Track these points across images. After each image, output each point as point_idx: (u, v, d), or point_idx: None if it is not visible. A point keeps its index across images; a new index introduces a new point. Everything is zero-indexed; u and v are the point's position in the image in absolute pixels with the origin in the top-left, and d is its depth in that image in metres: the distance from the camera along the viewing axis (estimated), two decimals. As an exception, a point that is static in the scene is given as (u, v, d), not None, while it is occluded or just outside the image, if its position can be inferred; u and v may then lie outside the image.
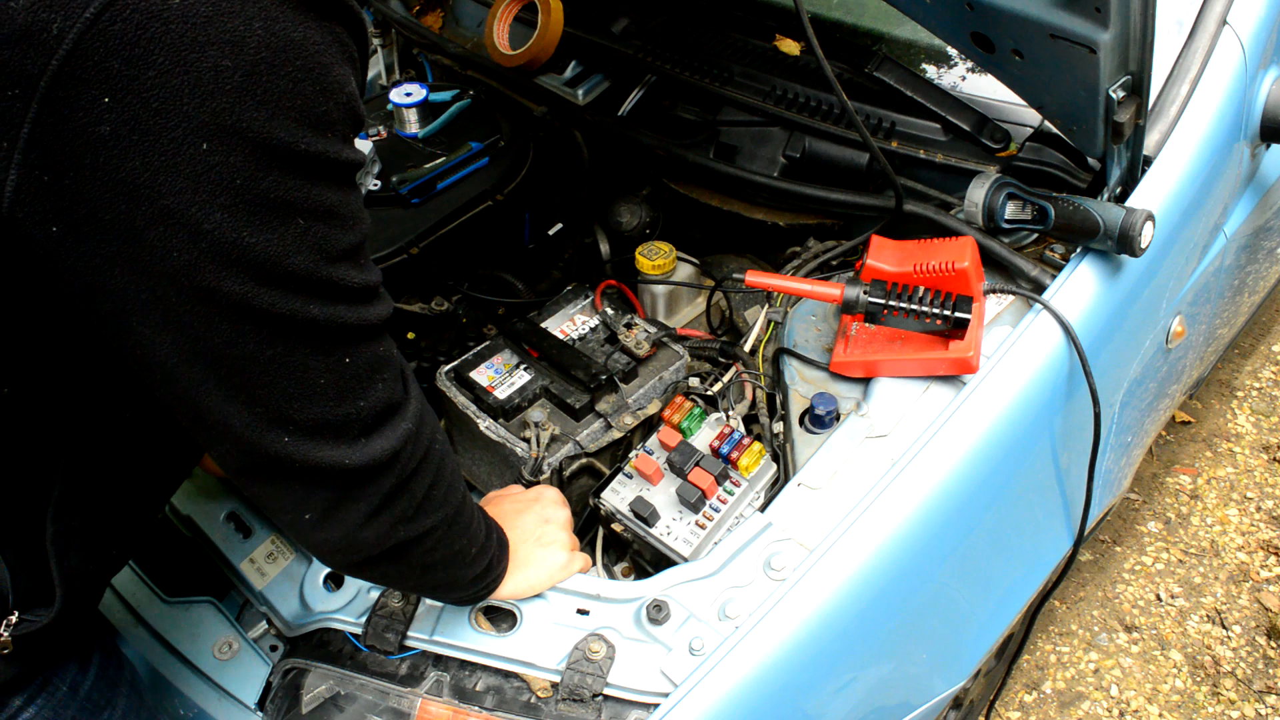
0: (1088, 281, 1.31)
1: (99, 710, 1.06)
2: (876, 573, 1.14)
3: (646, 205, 1.83)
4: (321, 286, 0.77)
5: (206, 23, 0.66)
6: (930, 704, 1.33)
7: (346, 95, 0.75)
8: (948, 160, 1.52)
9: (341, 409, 0.83)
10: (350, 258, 0.79)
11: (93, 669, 1.06)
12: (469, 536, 1.05)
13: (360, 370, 0.83)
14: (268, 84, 0.69)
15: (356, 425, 0.84)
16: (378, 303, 0.84)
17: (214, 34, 0.66)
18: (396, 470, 0.88)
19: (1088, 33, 1.05)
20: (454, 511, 0.99)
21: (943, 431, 1.19)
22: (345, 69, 0.75)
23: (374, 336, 0.85)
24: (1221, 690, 2.19)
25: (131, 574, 1.38)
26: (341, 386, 0.82)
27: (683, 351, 1.49)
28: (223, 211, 0.70)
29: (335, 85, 0.73)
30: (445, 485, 0.97)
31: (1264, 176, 1.75)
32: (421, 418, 0.92)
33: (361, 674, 1.16)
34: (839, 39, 1.74)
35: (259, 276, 0.73)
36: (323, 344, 0.80)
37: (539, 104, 1.89)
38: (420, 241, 1.61)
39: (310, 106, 0.72)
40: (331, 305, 0.78)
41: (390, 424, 0.87)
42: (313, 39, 0.71)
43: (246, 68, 0.67)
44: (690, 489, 1.26)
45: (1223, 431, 2.72)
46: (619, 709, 1.09)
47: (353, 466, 0.85)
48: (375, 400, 0.85)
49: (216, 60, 0.66)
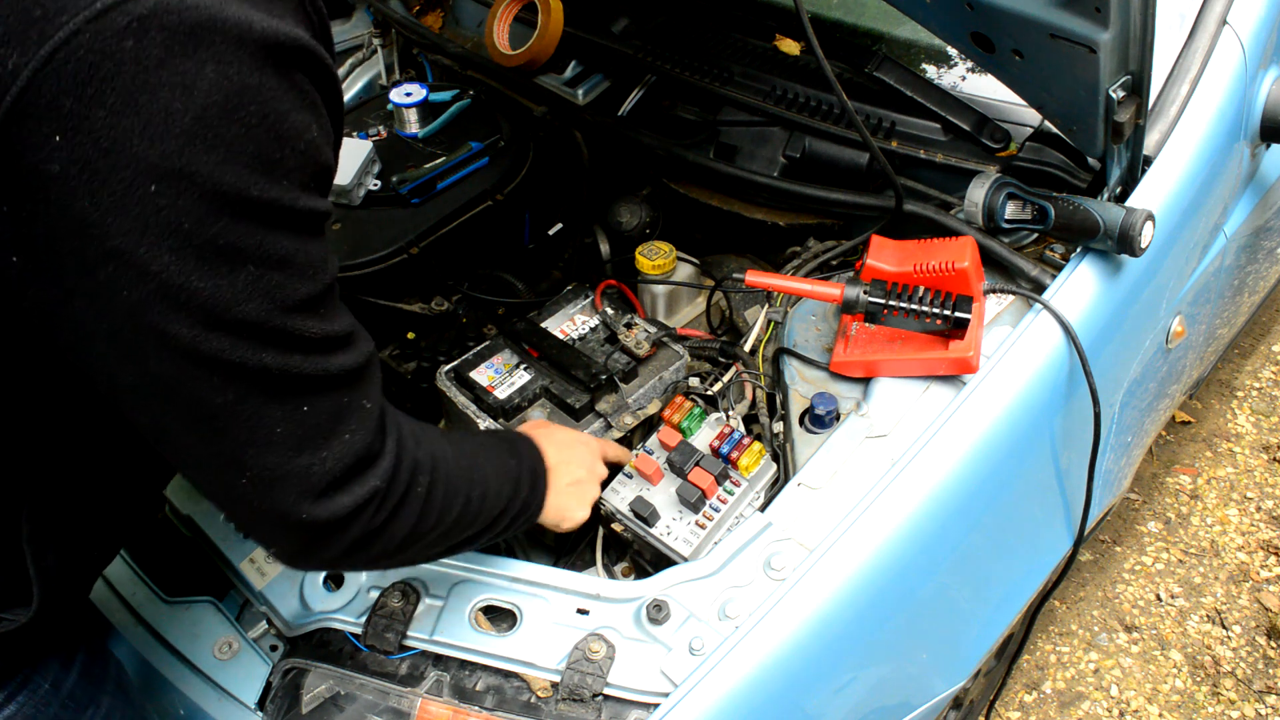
0: (1088, 281, 1.31)
1: (82, 708, 1.06)
2: (876, 573, 1.14)
3: (646, 205, 1.83)
4: (274, 335, 0.76)
5: (159, 65, 0.65)
6: (930, 704, 1.33)
7: (305, 143, 0.74)
8: (948, 160, 1.52)
9: (300, 460, 0.81)
10: (308, 308, 0.77)
11: (76, 667, 1.06)
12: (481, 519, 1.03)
13: (321, 421, 0.81)
14: (219, 128, 0.68)
15: (318, 477, 0.82)
16: (345, 352, 0.82)
17: (166, 76, 0.66)
18: (363, 522, 0.86)
19: (1088, 32, 1.05)
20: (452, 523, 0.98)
21: (943, 431, 1.19)
22: (304, 115, 0.73)
23: (338, 386, 0.82)
24: (1221, 690, 2.19)
25: (131, 574, 1.38)
26: (300, 437, 0.80)
27: (683, 351, 1.49)
28: (170, 254, 0.69)
29: (291, 132, 0.72)
30: (435, 515, 0.94)
31: (1264, 176, 1.75)
32: (397, 467, 0.89)
33: (361, 674, 1.16)
34: (839, 39, 1.74)
35: (207, 322, 0.72)
36: (277, 393, 0.78)
37: (539, 104, 1.89)
38: (420, 241, 1.61)
39: (263, 153, 0.71)
40: (286, 355, 0.77)
41: (359, 479, 0.85)
42: (268, 85, 0.70)
43: (197, 111, 0.67)
44: (690, 489, 1.26)
45: (1223, 431, 2.72)
46: (619, 709, 1.09)
47: (311, 520, 0.83)
48: (341, 452, 0.83)
49: (167, 102, 0.66)
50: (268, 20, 0.69)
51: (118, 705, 1.11)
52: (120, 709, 1.12)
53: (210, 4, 0.67)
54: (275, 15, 0.70)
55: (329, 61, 0.76)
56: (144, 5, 0.65)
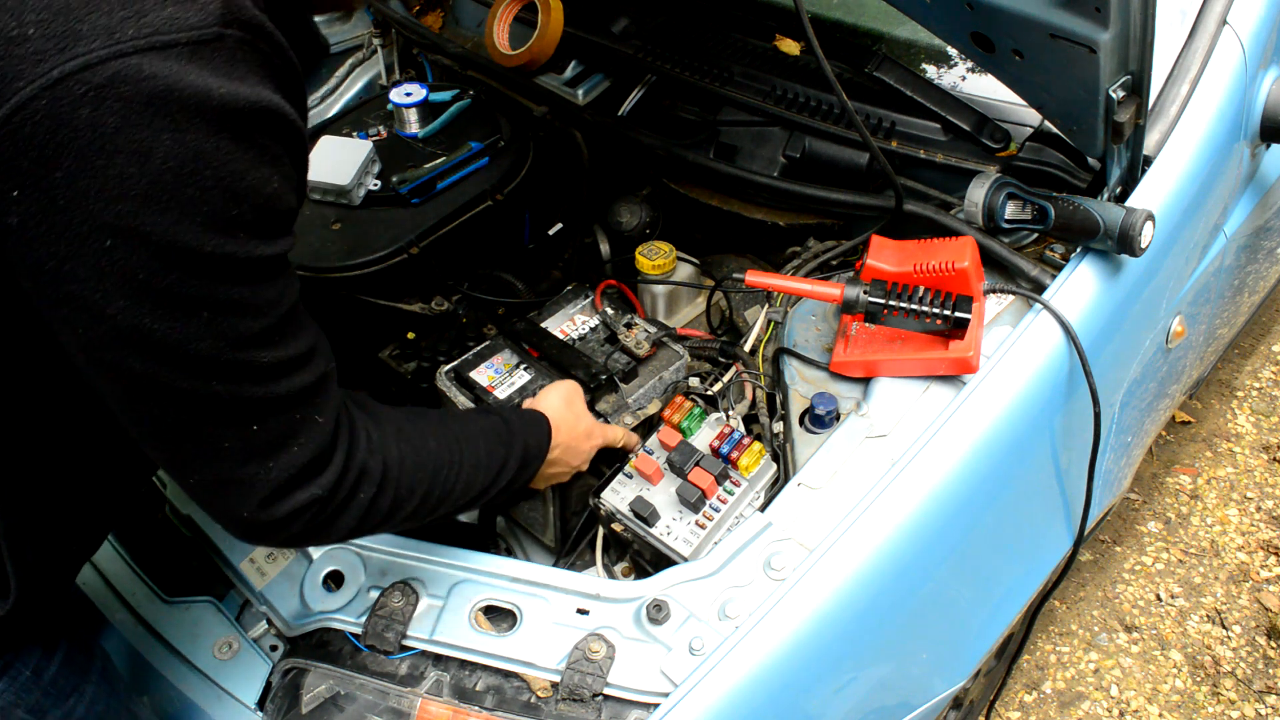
0: (1088, 281, 1.31)
1: (65, 696, 1.07)
2: (876, 573, 1.13)
3: (646, 205, 1.83)
4: (226, 368, 0.79)
5: (114, 133, 0.67)
6: (930, 704, 1.33)
7: (264, 197, 0.75)
8: (948, 160, 1.52)
9: (246, 470, 0.85)
10: (260, 341, 0.80)
11: (59, 656, 1.07)
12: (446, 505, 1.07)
13: (271, 437, 0.85)
14: (174, 192, 0.70)
15: (262, 485, 0.86)
16: (300, 372, 0.85)
17: (121, 144, 0.67)
18: (304, 522, 0.90)
19: (1088, 33, 1.05)
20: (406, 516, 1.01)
21: (943, 431, 1.19)
22: (263, 171, 0.75)
23: (290, 406, 0.85)
24: (1221, 690, 2.19)
25: (131, 574, 1.38)
26: (248, 451, 0.84)
27: (683, 351, 1.49)
28: (125, 299, 0.72)
29: (248, 190, 0.74)
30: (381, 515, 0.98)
31: (1264, 176, 1.75)
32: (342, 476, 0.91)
33: (361, 674, 1.16)
34: (839, 39, 1.74)
35: (161, 358, 0.76)
36: (227, 416, 0.82)
37: (539, 104, 1.89)
38: (420, 241, 1.61)
39: (218, 211, 0.72)
40: (236, 384, 0.80)
41: (301, 487, 0.88)
42: (224, 149, 0.71)
43: (152, 176, 0.69)
44: (690, 489, 1.26)
45: (1223, 431, 2.72)
46: (619, 709, 1.09)
47: (252, 520, 0.87)
48: (287, 463, 0.86)
49: (123, 168, 0.68)
50: (227, 85, 0.70)
51: (101, 694, 1.12)
52: (104, 698, 1.13)
53: (167, 74, 0.68)
54: (236, 79, 0.71)
55: (292, 116, 0.77)
56: (101, 75, 0.66)
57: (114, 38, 0.67)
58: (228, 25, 0.71)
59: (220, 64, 0.71)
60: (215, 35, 0.70)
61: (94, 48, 0.66)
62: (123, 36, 0.67)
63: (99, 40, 0.66)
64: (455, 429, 1.11)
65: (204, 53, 0.70)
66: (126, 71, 0.67)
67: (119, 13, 0.67)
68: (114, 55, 0.66)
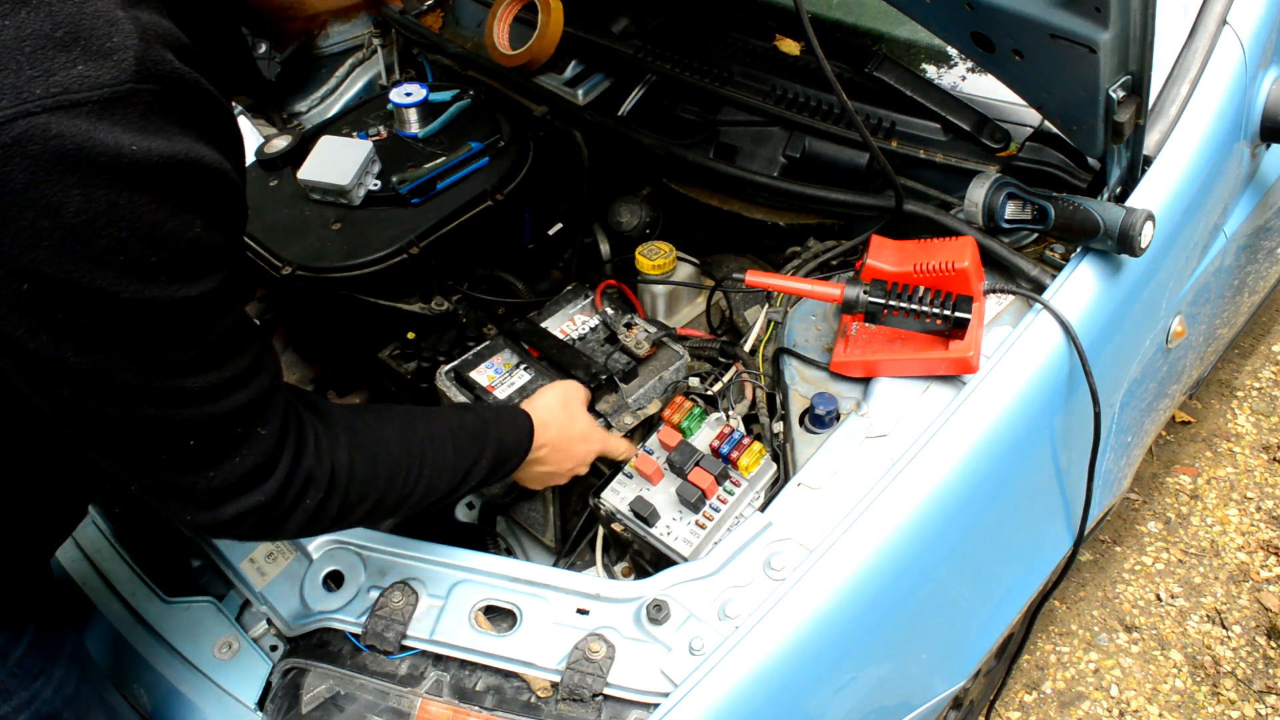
0: (1088, 281, 1.31)
1: (32, 678, 1.08)
2: (876, 573, 1.13)
3: (646, 205, 1.83)
4: (153, 395, 0.79)
5: (23, 189, 0.68)
6: (930, 704, 1.33)
7: (184, 242, 0.75)
8: (948, 160, 1.52)
9: (185, 480, 0.86)
10: (187, 369, 0.80)
11: (26, 639, 1.08)
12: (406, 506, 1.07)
13: (209, 451, 0.86)
14: (87, 243, 0.70)
15: (202, 493, 0.87)
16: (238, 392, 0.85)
17: (31, 199, 0.68)
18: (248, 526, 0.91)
19: (1088, 33, 1.05)
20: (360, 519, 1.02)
21: (943, 431, 1.19)
22: (183, 218, 0.75)
23: (227, 424, 0.86)
24: (1221, 690, 2.19)
25: (131, 574, 1.38)
26: (186, 463, 0.85)
27: (683, 351, 1.49)
28: (47, 335, 0.73)
29: (166, 238, 0.74)
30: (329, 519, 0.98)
31: (1264, 176, 1.75)
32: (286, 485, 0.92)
33: (361, 674, 1.16)
34: (839, 39, 1.74)
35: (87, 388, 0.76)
36: (161, 434, 0.82)
37: (539, 104, 1.89)
38: (420, 241, 1.61)
39: (134, 260, 0.72)
40: (165, 408, 0.80)
41: (244, 494, 0.89)
42: (138, 202, 0.71)
43: (65, 229, 0.69)
44: (690, 489, 1.26)
45: (1223, 431, 2.72)
46: (619, 709, 1.09)
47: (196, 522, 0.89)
48: (227, 473, 0.87)
49: (34, 220, 0.68)
50: (140, 141, 0.70)
51: (71, 679, 1.13)
52: (74, 683, 1.14)
53: (76, 132, 0.68)
54: (150, 133, 0.71)
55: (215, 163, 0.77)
56: (8, 134, 0.67)
57: (20, 97, 0.67)
58: (143, 80, 0.71)
59: (134, 120, 0.71)
60: (130, 91, 0.70)
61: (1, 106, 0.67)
62: (29, 95, 0.67)
63: (6, 99, 0.67)
64: (422, 428, 1.11)
65: (117, 110, 0.70)
66: (33, 131, 0.67)
67: (27, 71, 0.68)
68: (21, 114, 0.67)
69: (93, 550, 1.42)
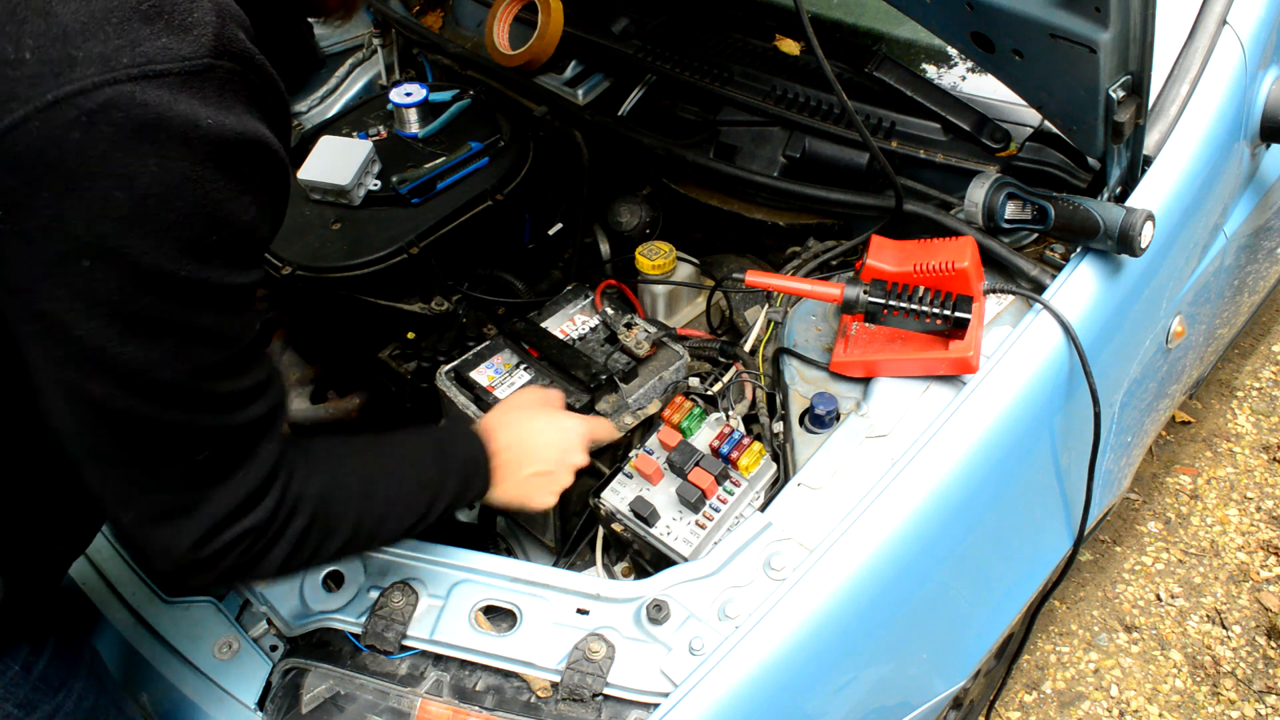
0: (1088, 281, 1.31)
1: (54, 691, 1.08)
2: (876, 573, 1.14)
3: (646, 205, 1.83)
4: (185, 397, 0.80)
5: (103, 157, 0.68)
6: (930, 704, 1.33)
7: (241, 225, 0.77)
8: (948, 160, 1.52)
9: (188, 498, 0.85)
10: (221, 372, 0.81)
11: (47, 651, 1.08)
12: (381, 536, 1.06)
13: (219, 467, 0.85)
14: (155, 216, 0.71)
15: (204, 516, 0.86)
16: (255, 403, 0.85)
17: (109, 168, 0.69)
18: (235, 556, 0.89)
19: (1088, 33, 1.05)
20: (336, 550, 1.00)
21: (943, 431, 1.19)
22: (243, 200, 0.76)
23: (241, 436, 0.86)
24: (1221, 690, 2.19)
25: (131, 574, 1.38)
26: (193, 479, 0.85)
27: (683, 351, 1.49)
28: (96, 321, 0.73)
29: (227, 218, 0.75)
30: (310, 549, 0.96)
31: (1264, 176, 1.75)
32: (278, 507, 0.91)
33: (361, 674, 1.16)
34: (839, 39, 1.74)
35: (122, 383, 0.76)
36: (180, 443, 0.82)
37: (539, 104, 1.89)
38: (420, 241, 1.61)
39: (197, 238, 0.74)
40: (192, 413, 0.81)
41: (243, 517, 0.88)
42: (208, 177, 0.73)
43: (136, 200, 0.70)
44: (690, 489, 1.26)
45: (1223, 431, 2.72)
46: (619, 709, 1.09)
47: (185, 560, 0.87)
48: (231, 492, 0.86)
49: (108, 191, 0.69)
50: (215, 115, 0.72)
51: (90, 690, 1.13)
52: (93, 694, 1.13)
53: (159, 102, 0.69)
54: (223, 109, 0.73)
55: (276, 147, 0.79)
56: (94, 100, 0.68)
57: (109, 65, 0.68)
58: (219, 57, 0.73)
59: (210, 94, 0.72)
60: (206, 66, 0.72)
61: (89, 74, 0.68)
62: (117, 64, 0.68)
63: (94, 67, 0.68)
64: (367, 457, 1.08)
65: (194, 83, 0.71)
66: (119, 99, 0.68)
67: (114, 41, 0.69)
68: (108, 82, 0.68)
69: (93, 550, 1.42)
